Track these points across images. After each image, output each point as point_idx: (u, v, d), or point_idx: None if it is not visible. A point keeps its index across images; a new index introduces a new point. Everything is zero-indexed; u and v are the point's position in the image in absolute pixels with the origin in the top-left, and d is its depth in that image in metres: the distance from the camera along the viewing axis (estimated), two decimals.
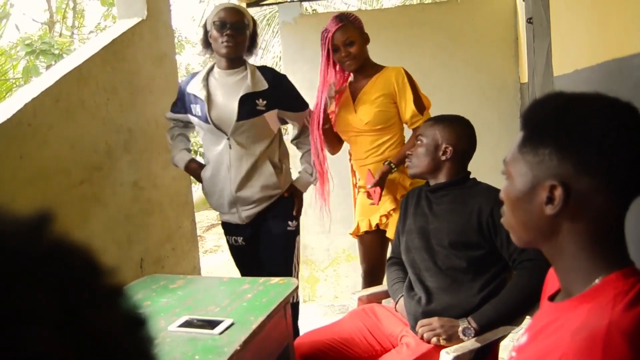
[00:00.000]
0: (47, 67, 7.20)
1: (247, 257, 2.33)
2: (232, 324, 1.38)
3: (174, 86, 2.89)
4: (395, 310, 1.82)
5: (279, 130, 2.37)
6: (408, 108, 2.30)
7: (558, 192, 0.77)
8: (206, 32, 2.25)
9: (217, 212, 2.42)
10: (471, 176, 1.78)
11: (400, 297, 1.78)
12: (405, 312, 1.74)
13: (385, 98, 2.30)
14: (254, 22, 2.33)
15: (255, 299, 1.50)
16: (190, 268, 2.83)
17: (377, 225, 2.36)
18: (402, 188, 2.29)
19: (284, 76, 2.36)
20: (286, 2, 4.48)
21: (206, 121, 2.17)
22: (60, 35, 8.99)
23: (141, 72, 2.57)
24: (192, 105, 2.22)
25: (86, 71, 2.26)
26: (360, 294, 1.95)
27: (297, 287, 1.57)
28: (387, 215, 2.33)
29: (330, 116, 2.41)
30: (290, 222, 2.31)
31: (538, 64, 2.57)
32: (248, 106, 2.16)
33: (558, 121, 0.79)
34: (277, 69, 2.86)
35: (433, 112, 3.85)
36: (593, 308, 0.74)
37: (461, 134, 1.75)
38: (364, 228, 2.40)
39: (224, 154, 2.18)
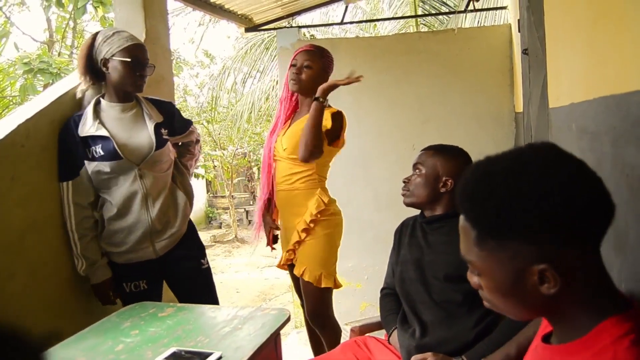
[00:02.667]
0: (45, 86, 7.20)
1: None
2: (220, 357, 1.35)
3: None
4: (389, 342, 1.78)
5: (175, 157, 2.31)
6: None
7: (550, 273, 0.74)
8: (93, 60, 2.07)
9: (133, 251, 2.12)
10: None
11: (394, 329, 1.75)
12: (399, 345, 1.70)
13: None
14: None
15: (245, 329, 1.47)
16: None
17: (289, 260, 2.43)
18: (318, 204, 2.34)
19: (169, 102, 2.33)
20: (284, 27, 4.52)
21: (114, 157, 2.01)
22: (59, 54, 9.02)
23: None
24: (89, 149, 2.02)
25: (82, 93, 2.25)
26: (353, 325, 1.92)
27: (289, 318, 1.54)
28: (294, 250, 2.39)
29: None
30: (202, 260, 2.27)
31: (533, 95, 2.58)
32: (158, 136, 2.13)
33: (507, 214, 0.76)
34: (273, 92, 2.89)
35: (429, 139, 3.90)
36: (595, 356, 0.73)
37: (462, 167, 1.72)
38: (283, 261, 2.48)
39: (136, 185, 2.05)
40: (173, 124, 2.24)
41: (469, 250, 0.82)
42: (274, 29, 4.66)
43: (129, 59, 2.02)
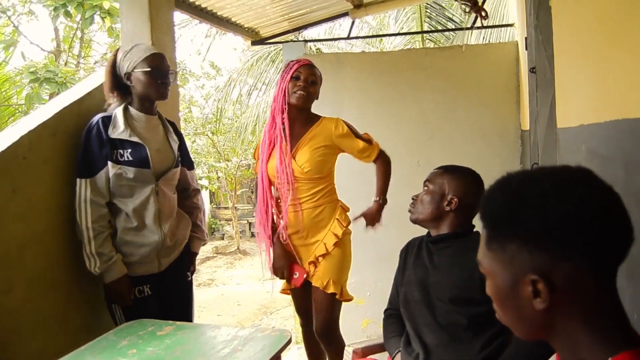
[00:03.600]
0: (51, 95, 7.24)
1: (150, 310, 2.07)
2: None
3: (177, 122, 2.87)
4: None
5: None
6: (355, 146, 2.40)
7: (541, 286, 0.73)
8: (118, 77, 2.13)
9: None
10: (475, 229, 1.72)
11: (397, 352, 1.71)
12: None
13: (327, 149, 2.36)
14: None
15: (246, 351, 1.43)
16: None
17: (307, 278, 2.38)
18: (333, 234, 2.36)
19: (181, 133, 2.37)
20: (290, 41, 4.52)
21: (143, 165, 2.03)
22: (66, 64, 9.07)
23: None
24: (117, 151, 2.02)
25: (86, 105, 2.24)
26: (355, 347, 1.88)
27: (290, 340, 1.50)
28: (315, 263, 2.36)
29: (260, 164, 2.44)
30: (188, 273, 2.32)
31: (541, 114, 2.56)
32: (177, 154, 2.20)
33: (512, 214, 0.76)
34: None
35: (434, 155, 3.88)
36: None
37: (470, 188, 1.70)
38: (301, 279, 2.40)
39: (151, 201, 2.06)
40: (184, 153, 2.31)
41: (481, 251, 0.82)
42: (281, 42, 4.67)
43: (149, 69, 2.06)
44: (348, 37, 5.22)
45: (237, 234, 10.44)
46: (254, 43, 4.53)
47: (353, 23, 4.72)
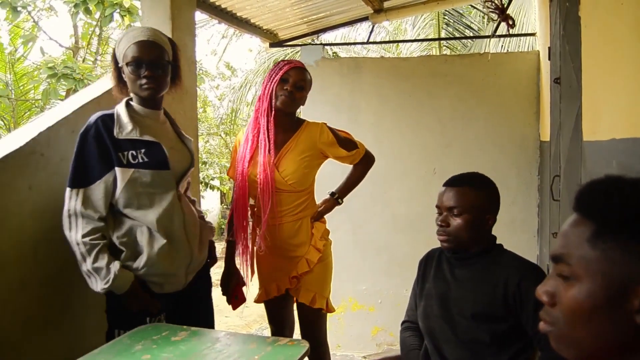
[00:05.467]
0: (67, 91, 7.28)
1: None
2: None
3: (193, 122, 2.85)
4: None
5: None
6: (341, 153, 2.30)
7: None
8: (117, 65, 1.87)
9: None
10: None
11: None
12: None
13: (312, 158, 2.25)
14: (174, 45, 1.95)
15: None
16: None
17: (287, 289, 2.29)
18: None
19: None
20: (309, 44, 4.50)
21: (161, 166, 1.79)
22: (84, 60, 9.13)
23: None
24: (127, 153, 1.77)
25: (105, 103, 2.22)
26: (370, 358, 1.84)
27: (307, 350, 1.47)
28: (298, 278, 2.26)
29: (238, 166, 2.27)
30: (210, 289, 2.13)
31: (565, 126, 2.51)
32: (192, 152, 1.98)
33: None
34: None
35: (451, 163, 3.83)
36: None
37: (497, 199, 1.63)
38: (273, 293, 2.30)
39: (175, 210, 1.81)
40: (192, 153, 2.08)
41: (573, 248, 0.70)
42: (299, 45, 4.64)
43: (129, 61, 1.79)
44: (368, 42, 5.19)
45: None
46: (272, 45, 4.51)
47: (373, 28, 4.69)
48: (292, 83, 2.18)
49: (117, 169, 1.75)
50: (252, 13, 3.81)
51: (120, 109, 1.83)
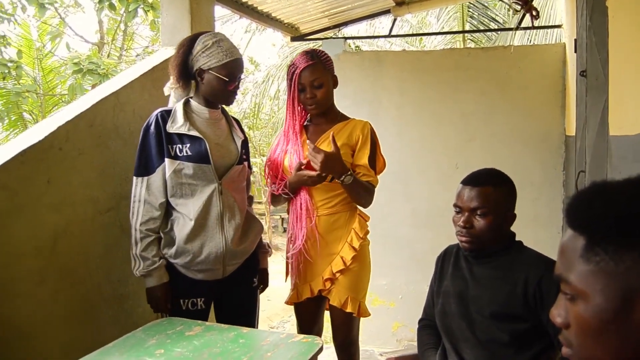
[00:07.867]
0: (93, 86, 7.38)
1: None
2: None
3: None
4: None
5: None
6: (361, 160, 2.17)
7: None
8: (186, 64, 1.97)
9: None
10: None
11: None
12: None
13: (347, 149, 2.17)
14: None
15: (275, 357, 1.38)
16: None
17: (320, 291, 2.21)
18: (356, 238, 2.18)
19: (244, 132, 2.18)
20: (330, 38, 4.46)
21: (202, 160, 1.91)
22: (109, 56, 9.25)
23: None
24: (175, 146, 1.91)
25: (123, 97, 2.24)
26: (389, 356, 1.81)
27: (321, 348, 1.45)
28: (332, 280, 2.18)
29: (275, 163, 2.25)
30: (254, 279, 2.17)
31: (591, 120, 2.43)
32: (241, 153, 2.04)
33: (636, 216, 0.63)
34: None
35: (473, 158, 3.77)
36: None
37: (515, 194, 1.57)
38: (305, 295, 2.24)
39: (213, 201, 1.93)
40: (247, 152, 2.15)
41: (570, 266, 0.68)
42: (320, 39, 4.61)
43: (225, 78, 1.93)
44: (389, 35, 5.13)
45: (269, 229, 10.46)
46: (293, 39, 4.49)
47: (395, 21, 4.63)
48: (309, 88, 2.15)
49: (166, 159, 1.91)
50: (272, 7, 3.79)
51: (178, 107, 1.98)
